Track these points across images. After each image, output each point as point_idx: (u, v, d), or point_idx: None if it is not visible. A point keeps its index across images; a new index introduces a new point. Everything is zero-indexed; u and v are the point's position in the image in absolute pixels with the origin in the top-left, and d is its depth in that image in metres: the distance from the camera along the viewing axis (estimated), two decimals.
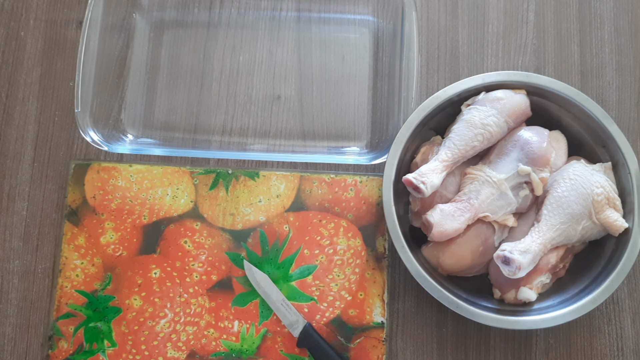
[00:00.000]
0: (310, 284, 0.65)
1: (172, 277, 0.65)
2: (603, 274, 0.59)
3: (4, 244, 0.67)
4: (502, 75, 0.62)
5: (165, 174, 0.68)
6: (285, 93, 0.71)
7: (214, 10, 0.72)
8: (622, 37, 0.72)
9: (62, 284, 0.65)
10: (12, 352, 0.64)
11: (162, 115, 0.70)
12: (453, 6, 0.73)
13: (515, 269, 0.55)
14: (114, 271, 0.65)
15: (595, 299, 0.57)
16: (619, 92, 0.70)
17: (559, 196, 0.58)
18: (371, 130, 0.70)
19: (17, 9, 0.72)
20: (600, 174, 0.60)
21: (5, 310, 0.65)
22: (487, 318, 0.57)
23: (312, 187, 0.67)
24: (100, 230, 0.66)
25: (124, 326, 0.64)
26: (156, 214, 0.67)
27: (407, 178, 0.59)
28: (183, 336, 0.64)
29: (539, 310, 0.59)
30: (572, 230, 0.58)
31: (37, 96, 0.70)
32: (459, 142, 0.60)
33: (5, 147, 0.69)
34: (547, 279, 0.60)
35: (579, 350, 0.64)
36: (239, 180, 0.68)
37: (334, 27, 0.72)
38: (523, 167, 0.59)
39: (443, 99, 0.62)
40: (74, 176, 0.67)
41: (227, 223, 0.67)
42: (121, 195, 0.67)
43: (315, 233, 0.66)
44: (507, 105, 0.61)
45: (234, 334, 0.64)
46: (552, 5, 0.73)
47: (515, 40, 0.72)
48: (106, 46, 0.68)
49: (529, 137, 0.60)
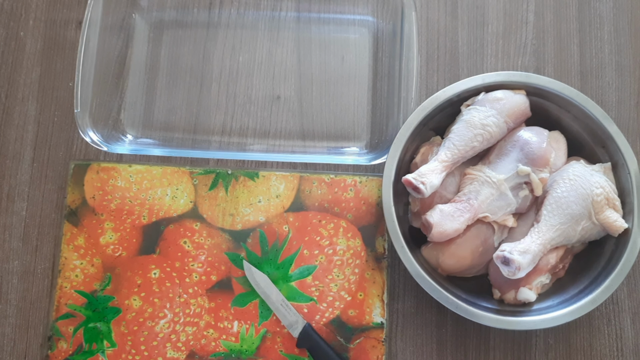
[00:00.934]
0: (309, 284, 0.65)
1: (172, 277, 0.65)
2: (602, 275, 0.59)
3: (4, 244, 0.67)
4: (501, 75, 0.62)
5: (164, 174, 0.68)
6: (284, 93, 0.71)
7: (213, 10, 0.72)
8: (621, 38, 0.72)
9: (62, 284, 0.65)
10: (12, 353, 0.64)
11: (161, 116, 0.70)
12: (453, 7, 0.73)
13: (514, 269, 0.55)
14: (114, 271, 0.65)
15: (594, 300, 0.57)
16: (619, 92, 0.71)
17: (558, 196, 0.58)
18: (371, 131, 0.70)
19: (17, 9, 0.72)
20: (599, 174, 0.60)
21: (5, 311, 0.65)
22: (486, 318, 0.57)
23: (312, 187, 0.67)
24: (100, 230, 0.66)
25: (124, 326, 0.64)
26: (156, 214, 0.67)
27: (407, 178, 0.59)
28: (182, 336, 0.64)
29: (539, 310, 0.59)
30: (572, 230, 0.58)
31: (36, 96, 0.70)
32: (459, 142, 0.60)
33: (5, 147, 0.69)
34: (547, 280, 0.60)
35: (578, 351, 0.64)
36: (238, 180, 0.68)
37: (334, 27, 0.72)
38: (523, 167, 0.59)
39: (443, 99, 0.62)
40: (74, 176, 0.67)
41: (226, 223, 0.67)
42: (121, 196, 0.67)
43: (315, 233, 0.66)
44: (506, 106, 0.61)
45: (234, 334, 0.64)
46: (551, 5, 0.73)
47: (515, 41, 0.72)
48: (106, 46, 0.68)
49: (528, 137, 0.60)
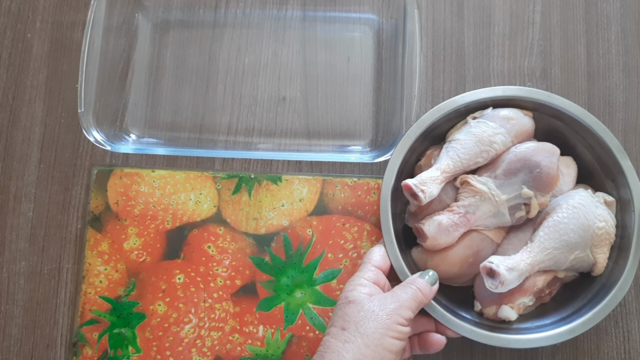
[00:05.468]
0: (334, 288, 0.65)
1: (196, 282, 0.65)
2: (587, 307, 0.57)
3: (10, 245, 0.67)
4: (523, 90, 0.61)
5: (188, 179, 0.68)
6: (290, 94, 0.70)
7: (219, 10, 0.72)
8: (629, 38, 0.71)
9: (86, 290, 0.65)
10: (18, 353, 0.64)
11: (166, 116, 0.70)
12: (459, 7, 0.72)
13: (498, 282, 0.54)
14: (138, 277, 0.65)
15: (573, 330, 0.55)
16: (626, 93, 0.70)
17: (558, 221, 0.57)
18: (374, 129, 0.69)
19: (24, 11, 0.73)
20: (604, 207, 0.58)
21: (12, 312, 0.65)
22: (464, 329, 0.56)
23: (335, 190, 0.67)
24: (124, 236, 0.66)
25: (149, 332, 0.64)
26: (179, 219, 0.66)
27: (407, 184, 0.58)
28: (208, 341, 0.64)
29: (517, 330, 0.58)
30: (564, 257, 0.57)
31: (43, 98, 0.70)
32: (464, 155, 0.59)
33: (12, 148, 0.69)
34: (530, 302, 0.58)
35: (585, 353, 0.64)
36: (261, 184, 0.67)
37: (339, 26, 0.72)
38: (527, 190, 0.57)
39: (460, 103, 0.61)
40: (97, 182, 0.67)
41: (250, 227, 0.66)
42: (144, 201, 0.67)
43: (339, 237, 0.66)
44: (515, 127, 0.60)
45: (259, 338, 0.64)
46: (558, 6, 0.72)
47: (522, 42, 0.72)
48: (110, 46, 0.68)
49: (540, 160, 0.58)
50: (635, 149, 0.69)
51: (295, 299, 0.65)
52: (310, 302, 0.64)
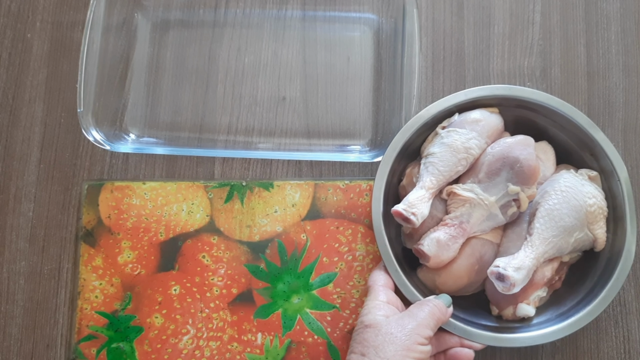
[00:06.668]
0: (331, 291, 0.65)
1: (192, 292, 0.65)
2: (599, 284, 0.58)
3: (11, 245, 0.67)
4: (485, 89, 0.62)
5: (179, 190, 0.67)
6: (290, 94, 0.70)
7: (218, 10, 0.72)
8: (628, 38, 0.71)
9: (82, 306, 0.65)
10: (18, 353, 0.65)
11: (166, 116, 0.70)
12: (458, 7, 0.72)
13: (509, 285, 0.55)
14: (134, 290, 0.65)
15: (592, 311, 0.56)
16: (626, 93, 0.70)
17: (550, 209, 0.57)
18: (373, 129, 0.69)
19: (24, 11, 0.73)
20: (590, 183, 0.59)
21: (12, 311, 0.65)
22: (485, 337, 0.56)
23: (327, 194, 0.67)
24: (117, 249, 0.66)
25: (147, 345, 0.64)
26: (172, 230, 0.66)
27: (397, 210, 0.57)
28: (207, 352, 0.63)
29: (538, 325, 0.58)
30: (565, 242, 0.57)
31: (43, 98, 0.71)
32: (443, 168, 0.59)
33: (12, 148, 0.69)
34: (544, 293, 0.59)
35: (585, 353, 0.64)
36: (253, 191, 0.67)
37: (338, 25, 0.72)
38: (513, 187, 0.58)
39: (426, 117, 0.61)
40: (88, 197, 0.67)
41: (244, 235, 0.66)
42: (136, 214, 0.67)
43: (333, 240, 0.66)
44: (486, 127, 0.60)
45: (258, 346, 0.64)
46: (558, 6, 0.72)
47: (521, 41, 0.72)
48: (109, 47, 0.68)
49: (518, 154, 0.58)
50: (635, 149, 0.69)
51: (293, 305, 0.65)
52: (307, 307, 0.64)
